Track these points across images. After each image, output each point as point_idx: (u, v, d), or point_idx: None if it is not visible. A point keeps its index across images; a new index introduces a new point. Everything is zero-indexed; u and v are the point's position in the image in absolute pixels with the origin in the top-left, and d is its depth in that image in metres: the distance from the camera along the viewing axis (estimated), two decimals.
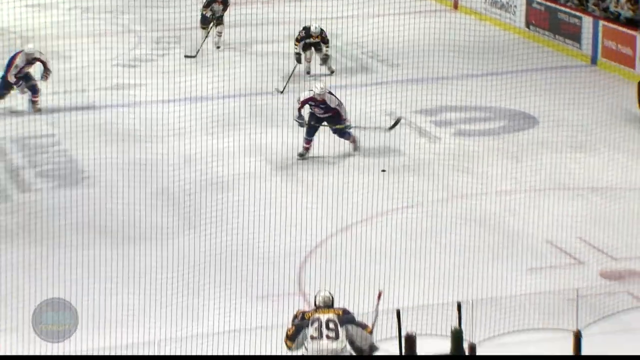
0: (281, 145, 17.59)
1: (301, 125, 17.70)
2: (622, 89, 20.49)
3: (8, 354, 11.36)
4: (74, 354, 9.94)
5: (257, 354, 11.07)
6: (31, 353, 10.98)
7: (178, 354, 11.47)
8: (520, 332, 9.59)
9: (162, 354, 10.53)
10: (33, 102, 19.60)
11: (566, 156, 17.62)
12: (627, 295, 13.24)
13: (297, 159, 17.44)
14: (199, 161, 16.78)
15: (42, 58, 19.78)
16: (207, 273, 13.50)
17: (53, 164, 17.35)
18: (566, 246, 14.90)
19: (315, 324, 10.55)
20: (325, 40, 21.90)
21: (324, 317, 10.60)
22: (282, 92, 20.95)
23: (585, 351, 8.89)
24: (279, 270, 13.72)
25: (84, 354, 9.58)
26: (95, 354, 9.85)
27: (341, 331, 10.54)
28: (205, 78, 19.33)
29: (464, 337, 8.59)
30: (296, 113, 17.64)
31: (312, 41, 21.91)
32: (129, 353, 10.41)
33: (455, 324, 8.62)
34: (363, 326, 10.63)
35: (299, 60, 21.70)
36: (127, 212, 15.31)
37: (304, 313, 10.80)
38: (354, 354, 10.54)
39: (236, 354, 11.31)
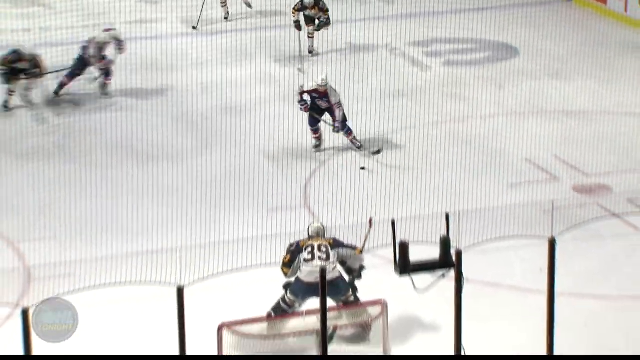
0: (289, 75, 17.50)
1: (303, 108, 15.37)
2: (595, 23, 20.46)
3: (47, 259, 11.40)
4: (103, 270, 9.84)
5: (265, 260, 11.11)
6: (65, 259, 11.01)
7: (197, 259, 11.53)
8: (501, 240, 9.66)
9: (182, 260, 10.56)
10: (104, 85, 17.28)
11: (544, 83, 17.61)
12: (597, 206, 13.31)
13: (314, 151, 15.36)
14: (216, 89, 16.74)
15: (115, 38, 17.32)
16: (222, 188, 13.53)
17: (84, 90, 17.32)
18: (543, 163, 14.94)
19: (309, 249, 10.57)
20: (323, 9, 19.01)
21: (316, 243, 10.62)
22: (311, 52, 19.16)
23: (558, 256, 8.94)
24: (286, 186, 13.76)
25: (114, 259, 9.61)
26: (124, 259, 9.91)
27: (332, 254, 10.56)
28: (222, 13, 19.39)
29: (451, 245, 8.62)
30: (297, 98, 15.49)
31: (310, 14, 19.06)
32: (153, 259, 10.44)
33: (443, 232, 8.64)
34: (352, 247, 10.69)
35: (298, 28, 18.88)
36: (151, 135, 15.34)
37: (298, 242, 10.77)
38: (344, 274, 10.61)
39: (247, 259, 11.39)
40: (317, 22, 19.09)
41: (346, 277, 10.58)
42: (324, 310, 8.76)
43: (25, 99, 16.60)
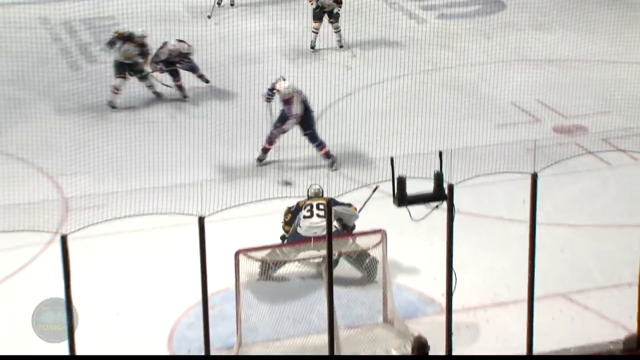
0: (299, 29, 17.41)
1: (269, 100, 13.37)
2: None
3: (82, 192, 11.43)
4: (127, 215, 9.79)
5: (278, 194, 11.15)
6: (98, 191, 11.02)
7: (217, 193, 11.53)
8: (489, 175, 9.68)
9: (203, 193, 10.58)
10: (179, 88, 15.39)
11: (528, 34, 17.48)
12: (574, 145, 13.33)
13: (257, 165, 13.25)
14: (231, 39, 16.64)
15: (185, 51, 15.38)
16: (239, 128, 13.55)
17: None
18: (526, 106, 14.93)
19: (308, 207, 10.59)
20: (337, 1, 16.96)
21: (315, 202, 10.64)
22: (342, 46, 17.16)
23: (540, 190, 8.98)
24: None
25: (142, 191, 9.62)
26: (151, 191, 9.92)
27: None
28: None
29: (444, 179, 8.65)
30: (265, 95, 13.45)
31: (323, 8, 16.89)
32: (178, 192, 10.47)
33: (437, 168, 8.66)
34: (348, 205, 10.69)
35: (317, 18, 16.92)
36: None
37: (298, 203, 10.76)
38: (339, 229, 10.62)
39: (262, 193, 11.44)
40: (334, 13, 17.00)
41: None
42: (329, 237, 8.82)
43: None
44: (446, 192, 8.69)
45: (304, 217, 10.59)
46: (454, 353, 9.00)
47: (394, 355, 9.73)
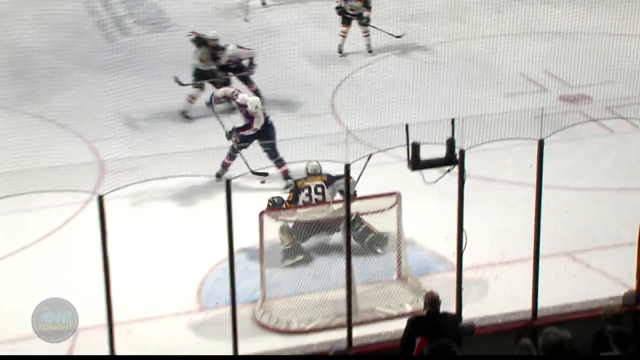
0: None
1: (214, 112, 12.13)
2: None
3: (117, 155, 11.45)
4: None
5: (296, 158, 11.10)
6: (132, 154, 11.03)
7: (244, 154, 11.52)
8: (498, 141, 9.61)
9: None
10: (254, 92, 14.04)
11: (537, 7, 17.29)
12: (579, 113, 13.22)
13: (215, 180, 11.68)
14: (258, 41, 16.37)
15: (244, 57, 14.29)
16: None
17: (147, 14, 17.19)
18: (534, 77, 14.82)
19: (306, 191, 10.42)
20: (368, 4, 15.77)
21: (312, 184, 10.46)
22: (371, 51, 15.91)
23: (545, 155, 8.92)
24: (315, 95, 13.69)
25: (174, 155, 9.59)
26: (182, 155, 9.89)
27: (327, 192, 10.46)
28: None
29: (455, 145, 8.60)
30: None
31: (351, 12, 15.73)
32: (207, 155, 10.45)
33: (449, 135, 8.61)
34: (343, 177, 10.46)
35: (343, 15, 15.81)
36: None
37: (296, 181, 10.59)
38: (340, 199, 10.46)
39: (283, 154, 11.39)
40: (363, 17, 15.78)
41: None
42: (347, 199, 8.81)
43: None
44: (458, 157, 8.64)
45: (303, 202, 10.40)
46: (464, 307, 8.99)
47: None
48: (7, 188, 8.26)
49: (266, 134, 11.79)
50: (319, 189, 10.40)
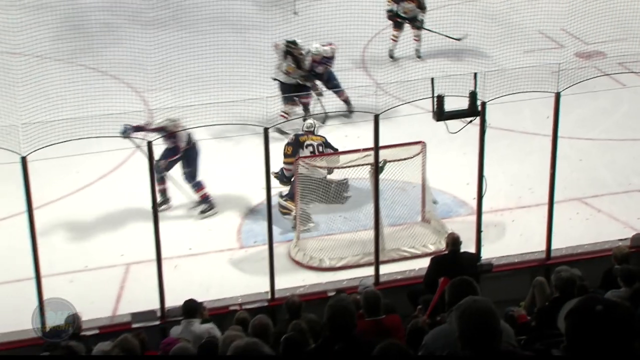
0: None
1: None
2: None
3: (164, 105, 11.43)
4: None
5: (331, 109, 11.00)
6: (177, 104, 11.01)
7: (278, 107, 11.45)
8: (517, 94, 9.48)
9: (267, 107, 10.48)
10: (344, 101, 12.30)
11: None
12: (593, 68, 12.96)
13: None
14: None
15: (329, 54, 12.23)
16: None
17: None
18: (552, 34, 14.56)
19: (310, 148, 10.16)
20: (422, 5, 13.86)
21: (315, 142, 10.22)
22: (420, 56, 13.92)
23: (562, 106, 8.81)
24: (347, 50, 13.52)
25: (216, 105, 9.54)
26: (223, 105, 9.84)
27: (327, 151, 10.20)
28: None
29: (477, 97, 8.50)
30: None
31: (404, 15, 13.77)
32: (245, 105, 10.39)
33: (472, 87, 8.50)
34: (335, 149, 10.27)
35: (393, 20, 13.83)
36: (243, 8, 15.06)
37: (297, 136, 10.25)
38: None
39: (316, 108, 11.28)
40: (417, 19, 13.81)
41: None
42: (376, 147, 8.75)
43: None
44: (479, 108, 8.55)
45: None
46: (483, 248, 8.96)
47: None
48: (65, 134, 8.26)
49: (188, 156, 10.23)
50: (320, 148, 10.18)
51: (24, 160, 7.84)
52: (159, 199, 9.61)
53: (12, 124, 8.45)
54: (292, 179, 9.91)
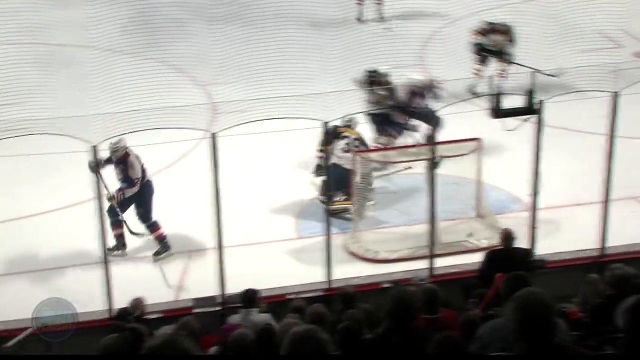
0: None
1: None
2: None
3: (228, 98, 11.52)
4: None
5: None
6: (241, 98, 11.07)
7: (338, 103, 11.43)
8: (574, 93, 9.37)
9: (327, 103, 10.48)
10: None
11: None
12: None
13: (109, 254, 8.84)
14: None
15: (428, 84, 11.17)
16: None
17: None
18: (610, 35, 14.30)
19: (346, 140, 10.11)
20: (512, 38, 12.53)
21: (353, 136, 10.16)
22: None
23: (621, 108, 8.67)
24: (405, 46, 13.44)
25: (278, 99, 9.58)
26: (283, 100, 9.87)
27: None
28: None
29: (535, 96, 8.42)
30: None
31: (492, 48, 12.46)
32: (305, 101, 10.40)
33: (529, 86, 8.44)
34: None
35: (479, 55, 12.57)
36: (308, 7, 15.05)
37: (336, 127, 10.04)
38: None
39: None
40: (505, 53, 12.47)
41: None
42: (433, 143, 8.72)
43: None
44: (537, 107, 8.46)
45: (343, 150, 9.99)
46: (537, 244, 8.86)
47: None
48: (132, 125, 8.39)
49: (143, 193, 9.47)
50: (357, 143, 10.10)
51: (94, 149, 7.99)
52: (113, 243, 9.16)
53: (84, 115, 8.61)
54: (325, 169, 9.77)
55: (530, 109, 8.44)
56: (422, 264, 8.94)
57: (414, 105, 10.95)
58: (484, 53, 12.57)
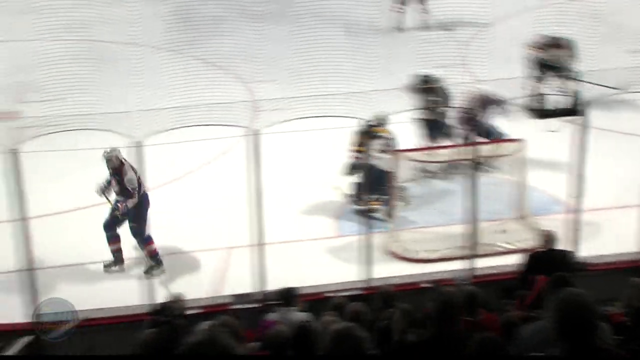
0: None
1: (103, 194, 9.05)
2: None
3: (268, 96, 11.54)
4: None
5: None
6: (280, 96, 11.07)
7: (378, 101, 11.41)
8: (620, 93, 9.24)
9: (370, 101, 10.44)
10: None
11: None
12: None
13: (105, 270, 9.16)
14: None
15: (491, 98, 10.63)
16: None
17: None
18: None
19: (380, 140, 9.97)
20: (572, 51, 11.52)
21: (387, 135, 10.01)
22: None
23: None
24: (447, 47, 13.36)
25: (314, 98, 9.56)
26: (322, 98, 9.86)
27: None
28: None
29: (580, 96, 8.33)
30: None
31: (551, 64, 11.40)
32: (344, 99, 10.39)
33: (573, 87, 8.34)
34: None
35: (539, 71, 11.46)
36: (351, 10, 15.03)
37: (370, 126, 10.00)
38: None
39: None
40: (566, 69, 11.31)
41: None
42: (474, 143, 8.64)
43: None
44: (581, 107, 8.35)
45: (379, 150, 9.88)
46: (578, 246, 8.75)
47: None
48: (175, 121, 8.45)
49: (139, 206, 9.05)
50: (391, 142, 9.99)
51: (138, 145, 8.06)
52: (110, 259, 9.05)
53: (127, 111, 8.68)
54: (360, 169, 9.74)
55: (575, 109, 8.34)
56: (461, 264, 8.87)
57: (476, 116, 10.58)
58: (543, 68, 11.60)
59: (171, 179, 10.87)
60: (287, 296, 7.43)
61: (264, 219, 8.47)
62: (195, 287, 8.72)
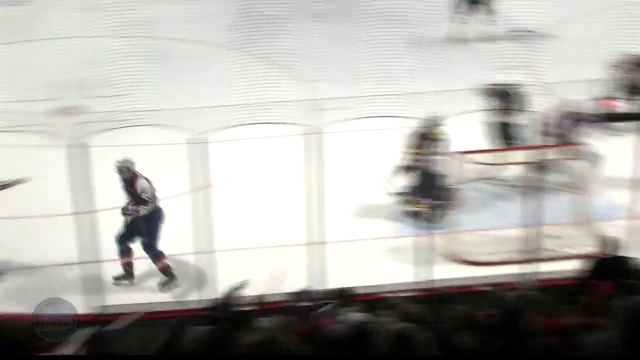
0: None
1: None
2: None
3: (323, 95, 11.51)
4: None
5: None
6: (335, 95, 11.00)
7: (437, 101, 11.32)
8: None
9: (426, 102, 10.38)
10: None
11: None
12: None
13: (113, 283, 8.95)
14: None
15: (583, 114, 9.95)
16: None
17: None
18: None
19: (434, 142, 9.82)
20: None
21: (441, 136, 9.86)
22: None
23: None
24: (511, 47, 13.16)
25: (372, 98, 9.50)
26: (384, 97, 9.79)
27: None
28: None
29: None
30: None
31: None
32: (403, 99, 10.32)
33: None
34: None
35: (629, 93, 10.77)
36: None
37: (426, 127, 9.86)
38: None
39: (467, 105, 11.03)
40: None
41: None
42: (540, 146, 8.52)
43: None
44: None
45: (436, 152, 9.74)
46: None
47: None
48: (234, 119, 8.48)
49: (152, 219, 8.88)
50: (446, 144, 9.85)
51: (201, 141, 8.10)
52: (120, 272, 8.91)
53: (189, 107, 8.73)
54: (414, 170, 9.66)
55: None
56: (520, 268, 8.73)
57: (562, 129, 10.15)
58: (631, 91, 10.83)
59: (230, 176, 10.91)
60: (344, 295, 7.40)
61: (326, 218, 8.45)
62: (253, 284, 8.73)
